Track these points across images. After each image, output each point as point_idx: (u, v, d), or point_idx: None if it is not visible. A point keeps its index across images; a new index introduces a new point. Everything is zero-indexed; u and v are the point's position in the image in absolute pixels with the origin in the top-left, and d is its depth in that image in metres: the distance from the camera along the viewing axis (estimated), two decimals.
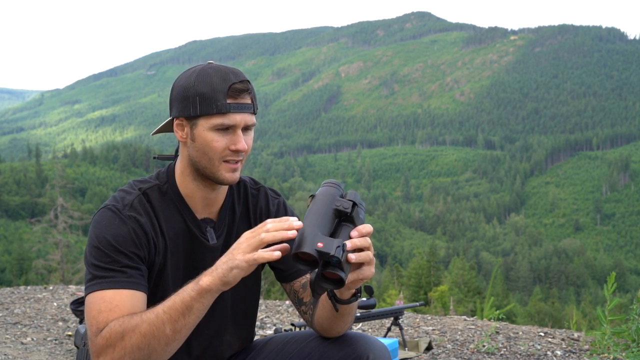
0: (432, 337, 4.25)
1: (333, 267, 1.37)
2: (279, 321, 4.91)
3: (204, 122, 1.60)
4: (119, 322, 1.46)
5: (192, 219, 1.70)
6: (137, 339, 1.43)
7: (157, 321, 1.43)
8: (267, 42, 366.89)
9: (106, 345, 1.45)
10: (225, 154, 1.61)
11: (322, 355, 1.66)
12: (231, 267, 1.41)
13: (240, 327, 1.83)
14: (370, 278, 1.46)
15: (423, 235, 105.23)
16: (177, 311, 1.43)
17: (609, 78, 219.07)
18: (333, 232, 1.43)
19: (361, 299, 3.42)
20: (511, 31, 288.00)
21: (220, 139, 1.60)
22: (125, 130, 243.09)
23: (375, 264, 1.27)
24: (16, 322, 4.95)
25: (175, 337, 1.45)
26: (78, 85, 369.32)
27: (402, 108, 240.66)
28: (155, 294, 1.63)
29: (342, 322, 1.64)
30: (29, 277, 30.69)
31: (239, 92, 1.59)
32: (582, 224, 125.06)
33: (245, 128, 1.63)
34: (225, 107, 1.57)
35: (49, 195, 37.88)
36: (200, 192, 1.70)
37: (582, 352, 3.82)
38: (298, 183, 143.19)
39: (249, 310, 1.84)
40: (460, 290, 26.66)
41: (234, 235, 1.75)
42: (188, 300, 1.43)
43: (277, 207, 1.84)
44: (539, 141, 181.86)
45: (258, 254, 1.40)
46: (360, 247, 1.41)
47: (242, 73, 1.64)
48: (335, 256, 1.35)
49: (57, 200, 26.51)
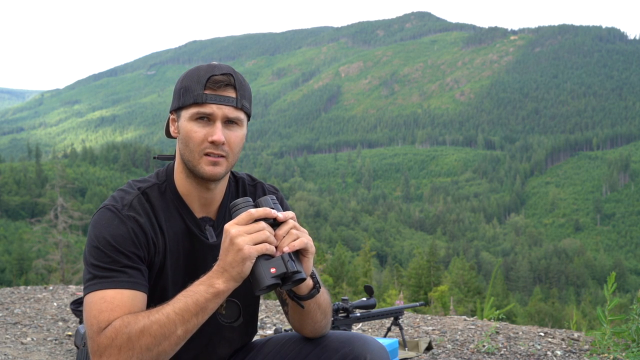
0: (432, 337, 4.25)
1: (294, 277, 1.44)
2: (279, 321, 4.91)
3: (185, 113, 1.62)
4: (123, 322, 1.46)
5: (191, 218, 1.70)
6: (147, 340, 1.43)
7: (169, 322, 1.44)
8: (267, 42, 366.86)
9: (110, 346, 1.44)
10: (204, 145, 1.60)
11: (321, 355, 1.66)
12: (243, 259, 1.42)
13: (240, 324, 1.83)
14: (314, 250, 1.51)
15: (423, 235, 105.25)
16: (190, 313, 1.44)
17: (609, 78, 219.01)
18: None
19: (361, 299, 3.43)
20: (511, 31, 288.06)
21: (199, 130, 1.60)
22: (125, 130, 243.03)
23: (375, 263, 1.45)
24: (16, 322, 4.95)
25: (185, 337, 1.47)
26: (78, 85, 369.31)
27: (402, 108, 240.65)
28: (154, 293, 1.63)
29: (311, 320, 1.66)
30: (29, 277, 30.71)
31: (218, 83, 1.59)
32: (582, 224, 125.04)
33: (229, 122, 1.62)
34: (202, 97, 1.58)
35: (49, 195, 37.85)
36: (195, 190, 1.69)
37: (582, 352, 3.82)
38: (298, 183, 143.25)
39: (249, 307, 1.83)
40: (460, 290, 26.67)
41: None
42: (202, 302, 1.44)
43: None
44: (539, 141, 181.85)
45: (263, 245, 1.44)
46: (295, 239, 1.47)
47: (231, 68, 1.64)
48: (291, 271, 1.42)
49: (57, 200, 26.48)
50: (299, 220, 1.48)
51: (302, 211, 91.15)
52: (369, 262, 26.79)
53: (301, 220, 1.22)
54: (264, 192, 1.85)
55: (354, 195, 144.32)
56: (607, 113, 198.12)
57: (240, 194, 1.81)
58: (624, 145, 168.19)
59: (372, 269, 27.32)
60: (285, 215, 1.49)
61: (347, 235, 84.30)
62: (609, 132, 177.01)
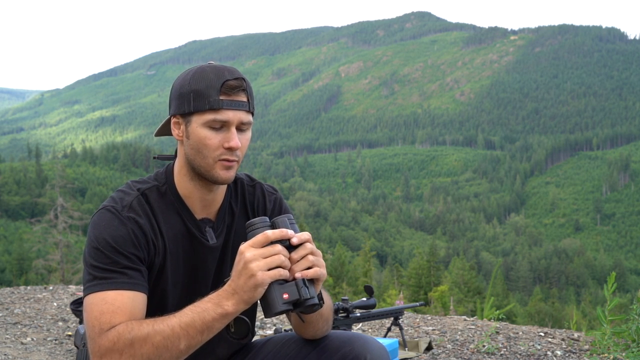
0: (432, 337, 4.25)
1: (306, 302, 1.43)
2: (279, 321, 4.90)
3: (197, 119, 1.58)
4: (127, 328, 1.45)
5: (190, 220, 1.69)
6: (148, 349, 1.42)
7: (172, 335, 1.42)
8: (267, 42, 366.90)
9: (112, 349, 1.44)
10: (219, 152, 1.59)
11: (321, 355, 1.66)
12: (256, 286, 1.41)
13: (238, 323, 1.80)
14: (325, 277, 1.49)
15: (423, 235, 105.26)
16: (196, 329, 1.43)
17: (609, 78, 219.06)
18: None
19: (361, 299, 3.43)
20: (511, 31, 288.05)
21: (214, 137, 1.58)
22: (125, 131, 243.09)
23: (375, 263, 1.45)
24: (16, 322, 4.95)
25: (188, 352, 1.46)
26: (78, 85, 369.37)
27: (402, 108, 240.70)
28: (154, 295, 1.63)
29: (313, 328, 1.66)
30: (29, 277, 30.70)
31: (233, 88, 1.58)
32: (582, 224, 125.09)
33: (241, 127, 1.62)
34: (218, 103, 1.56)
35: (49, 195, 37.79)
36: (197, 192, 1.68)
37: (582, 352, 3.81)
38: (298, 183, 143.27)
39: (247, 308, 1.78)
40: (460, 290, 26.67)
41: (233, 234, 1.76)
42: (209, 321, 1.43)
43: (273, 204, 1.83)
44: (539, 141, 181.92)
45: (277, 271, 1.42)
46: (310, 266, 1.45)
47: (238, 71, 1.63)
48: (304, 298, 1.41)
49: (57, 200, 26.48)
50: (299, 219, 1.54)
51: (302, 211, 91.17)
52: (369, 262, 26.79)
53: (301, 220, 1.22)
54: (263, 192, 1.83)
55: (354, 195, 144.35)
56: (607, 113, 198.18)
57: (239, 195, 1.79)
58: (624, 145, 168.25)
59: (372, 269, 27.32)
60: (300, 238, 1.46)
61: (347, 235, 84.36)
62: (609, 132, 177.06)
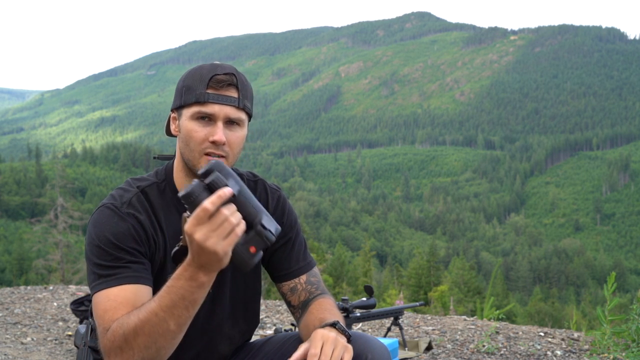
0: (432, 337, 4.25)
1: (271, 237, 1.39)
2: (279, 321, 4.90)
3: (186, 112, 1.61)
4: (118, 324, 1.46)
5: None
6: (142, 339, 1.42)
7: (159, 320, 1.42)
8: (267, 42, 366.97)
9: (112, 348, 1.46)
10: (204, 145, 1.59)
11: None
12: (219, 260, 1.37)
13: (239, 321, 1.83)
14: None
15: (423, 235, 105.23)
16: (180, 308, 1.41)
17: (609, 78, 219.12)
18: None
19: (361, 299, 3.44)
20: (511, 31, 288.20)
21: (200, 129, 1.59)
22: (125, 131, 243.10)
23: (375, 263, 1.35)
24: (16, 322, 4.95)
25: (180, 329, 1.45)
26: (78, 85, 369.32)
27: (402, 108, 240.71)
28: (156, 291, 1.59)
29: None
30: (29, 277, 30.75)
31: (220, 82, 1.58)
32: (582, 224, 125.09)
33: (230, 122, 1.62)
34: (204, 96, 1.57)
35: (49, 195, 37.78)
36: None
37: (582, 352, 3.81)
38: (298, 183, 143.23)
39: (248, 304, 1.84)
40: (460, 290, 26.68)
41: None
42: (189, 297, 1.41)
43: (276, 202, 1.83)
44: (539, 141, 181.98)
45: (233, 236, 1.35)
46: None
47: (233, 68, 1.63)
48: (272, 241, 1.39)
49: (57, 200, 26.46)
50: (299, 220, 1.45)
51: (302, 211, 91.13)
52: (369, 262, 26.83)
53: (301, 220, 1.18)
54: (265, 189, 1.83)
55: (354, 195, 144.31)
56: (607, 113, 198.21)
57: None
58: (624, 145, 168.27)
59: (372, 269, 27.36)
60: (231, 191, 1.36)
61: (347, 235, 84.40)
62: (609, 132, 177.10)
